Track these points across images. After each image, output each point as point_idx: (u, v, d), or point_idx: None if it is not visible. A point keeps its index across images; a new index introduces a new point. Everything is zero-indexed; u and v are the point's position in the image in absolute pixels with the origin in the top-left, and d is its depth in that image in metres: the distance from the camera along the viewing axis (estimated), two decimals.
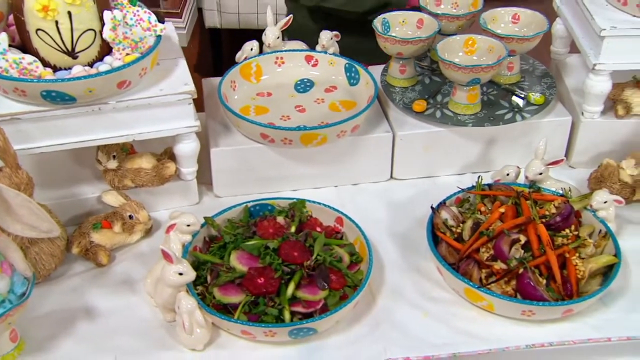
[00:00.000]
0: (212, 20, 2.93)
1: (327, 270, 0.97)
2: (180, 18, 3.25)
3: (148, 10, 1.03)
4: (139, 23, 1.01)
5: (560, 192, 1.10)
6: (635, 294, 1.00)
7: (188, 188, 1.17)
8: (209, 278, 0.98)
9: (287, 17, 1.29)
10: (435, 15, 1.26)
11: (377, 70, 1.32)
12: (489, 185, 1.12)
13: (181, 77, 1.07)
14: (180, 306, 0.89)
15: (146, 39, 1.02)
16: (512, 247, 0.98)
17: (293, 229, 1.05)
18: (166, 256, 0.90)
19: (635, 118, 1.22)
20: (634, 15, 1.12)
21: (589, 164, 1.24)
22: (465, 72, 1.13)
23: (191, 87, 1.05)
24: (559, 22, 1.31)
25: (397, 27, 1.28)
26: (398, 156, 1.22)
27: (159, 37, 1.04)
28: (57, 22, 0.93)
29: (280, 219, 1.07)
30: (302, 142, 1.13)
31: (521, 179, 1.15)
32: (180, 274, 0.91)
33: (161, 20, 1.05)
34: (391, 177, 1.25)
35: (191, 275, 0.92)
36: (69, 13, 0.93)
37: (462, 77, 1.15)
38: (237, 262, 0.98)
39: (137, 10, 1.01)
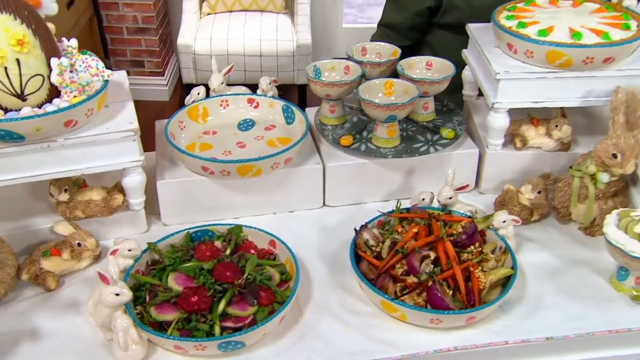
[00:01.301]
0: (189, 76, 2.95)
1: (257, 288, 0.95)
2: (163, 76, 3.27)
3: (96, 58, 1.02)
4: (87, 69, 1.01)
5: (468, 213, 1.11)
6: (530, 303, 1.00)
7: (137, 218, 1.14)
8: (147, 298, 0.94)
9: (229, 65, 1.30)
10: (360, 63, 1.28)
11: (312, 111, 1.34)
12: (407, 209, 1.13)
13: (127, 117, 1.06)
14: (116, 324, 0.86)
15: (93, 84, 1.01)
16: (423, 262, 0.98)
17: (228, 252, 1.03)
18: (102, 278, 0.87)
19: (531, 150, 1.25)
20: (524, 62, 1.17)
21: (496, 189, 1.26)
22: (382, 109, 1.15)
23: (135, 125, 1.04)
24: (467, 69, 1.36)
25: (327, 73, 1.30)
26: (329, 185, 1.22)
27: (106, 81, 1.03)
28: (6, 68, 0.92)
29: (217, 243, 1.05)
30: (239, 173, 1.12)
31: (435, 203, 1.16)
32: (117, 294, 0.87)
33: (109, 67, 1.04)
34: (324, 204, 1.25)
35: (127, 295, 0.88)
36: (17, 60, 0.92)
37: (380, 114, 1.16)
38: (174, 282, 0.95)
39: (86, 58, 1.01)
